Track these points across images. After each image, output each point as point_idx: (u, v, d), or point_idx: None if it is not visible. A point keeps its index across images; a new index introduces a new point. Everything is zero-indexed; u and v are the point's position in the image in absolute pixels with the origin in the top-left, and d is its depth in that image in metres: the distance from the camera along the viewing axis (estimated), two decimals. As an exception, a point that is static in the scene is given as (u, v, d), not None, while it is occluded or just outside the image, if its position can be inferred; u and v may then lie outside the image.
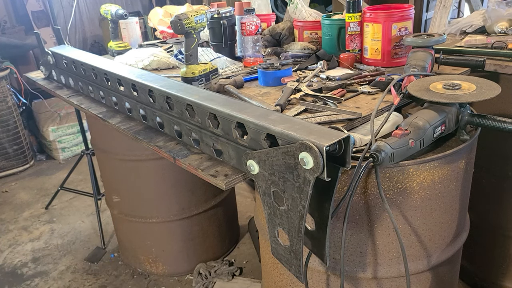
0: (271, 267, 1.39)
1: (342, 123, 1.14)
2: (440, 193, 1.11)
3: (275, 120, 0.89)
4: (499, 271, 1.84)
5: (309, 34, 1.84)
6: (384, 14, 1.52)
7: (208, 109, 1.02)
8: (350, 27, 1.61)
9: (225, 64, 1.73)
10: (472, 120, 1.11)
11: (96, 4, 4.77)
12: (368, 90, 1.34)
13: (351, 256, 1.15)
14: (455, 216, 1.20)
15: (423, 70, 1.30)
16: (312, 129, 0.83)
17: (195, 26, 1.45)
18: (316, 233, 0.98)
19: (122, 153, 1.99)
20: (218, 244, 2.34)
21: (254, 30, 1.71)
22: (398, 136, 1.00)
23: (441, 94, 1.08)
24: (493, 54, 1.58)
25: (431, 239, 1.16)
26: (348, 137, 0.80)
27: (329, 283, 1.21)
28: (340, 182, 1.06)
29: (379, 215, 1.09)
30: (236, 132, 0.96)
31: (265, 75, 1.50)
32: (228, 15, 1.81)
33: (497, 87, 1.08)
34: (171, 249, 2.22)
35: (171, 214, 2.10)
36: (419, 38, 1.40)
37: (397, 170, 1.04)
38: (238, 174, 0.98)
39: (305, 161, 0.76)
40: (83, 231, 2.75)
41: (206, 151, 1.10)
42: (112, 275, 2.35)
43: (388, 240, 1.12)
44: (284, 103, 1.27)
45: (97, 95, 1.58)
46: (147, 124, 1.33)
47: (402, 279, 1.17)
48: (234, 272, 2.23)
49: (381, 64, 1.57)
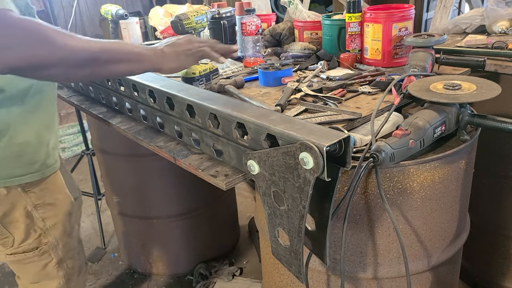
0: (271, 267, 1.39)
1: (342, 123, 1.14)
2: (440, 193, 1.11)
3: (276, 120, 0.89)
4: (500, 271, 1.84)
5: (309, 34, 1.84)
6: (384, 14, 1.52)
7: (208, 109, 1.02)
8: (350, 27, 1.61)
9: (225, 64, 1.73)
10: (473, 120, 1.11)
11: (97, 4, 4.77)
12: (369, 90, 1.34)
13: (352, 256, 1.15)
14: (455, 216, 1.20)
15: (423, 70, 1.30)
16: (312, 129, 0.83)
17: (195, 26, 1.45)
18: (316, 233, 0.98)
19: (122, 153, 1.99)
20: (218, 244, 2.34)
21: (254, 30, 1.71)
22: (398, 136, 1.00)
23: (441, 94, 1.08)
24: (494, 54, 1.58)
25: (431, 239, 1.16)
26: (348, 137, 0.80)
27: (329, 283, 1.21)
28: (341, 182, 1.06)
29: (380, 215, 1.09)
30: (237, 132, 0.96)
31: (265, 75, 1.50)
32: (229, 15, 1.81)
33: (497, 87, 1.08)
34: (171, 249, 2.22)
35: (171, 214, 2.10)
36: (419, 38, 1.40)
37: (398, 170, 1.04)
38: (238, 174, 0.98)
39: (305, 161, 0.76)
40: (83, 231, 2.74)
41: (206, 151, 1.10)
42: (113, 275, 2.35)
43: (389, 240, 1.12)
44: (284, 103, 1.27)
45: (98, 95, 1.59)
46: (147, 124, 1.33)
47: (403, 279, 1.17)
48: (234, 272, 2.23)
49: (381, 64, 1.57)
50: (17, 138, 1.09)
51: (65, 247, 1.26)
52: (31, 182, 1.15)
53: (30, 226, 1.18)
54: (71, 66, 0.86)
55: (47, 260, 1.24)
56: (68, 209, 1.28)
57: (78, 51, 0.86)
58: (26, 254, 1.21)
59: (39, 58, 0.81)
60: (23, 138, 1.10)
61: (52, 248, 1.23)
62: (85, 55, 0.88)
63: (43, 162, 1.16)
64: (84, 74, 0.91)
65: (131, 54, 0.97)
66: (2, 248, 1.21)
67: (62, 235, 1.25)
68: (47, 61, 0.83)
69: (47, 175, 1.18)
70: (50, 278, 1.27)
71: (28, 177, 1.13)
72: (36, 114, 1.12)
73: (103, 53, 0.91)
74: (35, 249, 1.21)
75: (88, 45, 0.89)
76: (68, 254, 1.28)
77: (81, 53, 0.87)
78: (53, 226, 1.22)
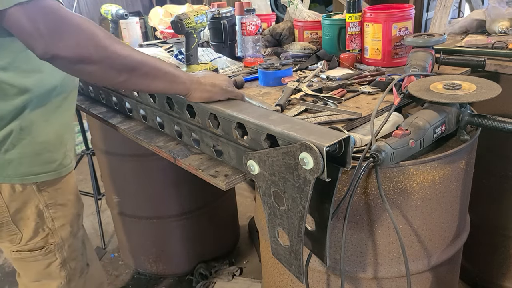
0: (271, 267, 1.39)
1: (342, 123, 1.14)
2: (440, 193, 1.11)
3: (275, 120, 0.89)
4: (500, 271, 1.84)
5: (309, 34, 1.84)
6: (384, 14, 1.52)
7: (208, 109, 1.02)
8: (350, 27, 1.61)
9: (225, 64, 1.73)
10: (473, 120, 1.11)
11: (97, 4, 4.77)
12: (369, 90, 1.34)
13: (352, 256, 1.15)
14: (455, 216, 1.20)
15: (423, 70, 1.30)
16: (312, 129, 0.83)
17: (195, 26, 1.45)
18: (316, 233, 0.98)
19: (122, 153, 1.99)
20: (218, 244, 2.34)
21: (254, 30, 1.71)
22: (398, 136, 1.00)
23: (441, 94, 1.08)
24: (494, 54, 1.58)
25: (431, 239, 1.16)
26: (348, 137, 0.80)
27: (329, 283, 1.21)
28: (341, 182, 1.06)
29: (380, 215, 1.09)
30: (237, 132, 0.96)
31: (265, 75, 1.50)
32: (229, 15, 1.81)
33: (497, 87, 1.07)
34: (172, 249, 2.22)
35: (171, 214, 2.10)
36: (419, 38, 1.40)
37: (398, 170, 1.04)
38: (238, 174, 0.98)
39: (305, 162, 0.76)
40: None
41: (206, 151, 1.10)
42: (113, 275, 2.35)
43: (389, 240, 1.12)
44: (284, 103, 1.27)
45: (98, 95, 1.58)
46: (147, 124, 1.33)
47: (403, 279, 1.17)
48: (235, 272, 2.23)
49: (381, 64, 1.57)
50: (39, 137, 1.11)
51: (70, 247, 1.27)
52: (46, 181, 1.16)
53: (39, 225, 1.19)
54: (111, 68, 0.89)
55: (51, 260, 1.25)
56: (78, 210, 1.29)
57: (122, 56, 0.89)
58: (32, 252, 1.22)
59: (84, 52, 0.84)
60: (44, 137, 1.12)
61: (58, 248, 1.24)
62: (127, 62, 0.90)
63: (60, 162, 1.18)
64: (119, 80, 0.92)
65: (168, 73, 0.98)
66: (8, 245, 1.21)
67: (69, 236, 1.26)
68: (91, 57, 0.85)
69: (63, 174, 1.20)
70: (52, 278, 1.27)
71: (45, 175, 1.15)
72: (57, 114, 1.14)
73: (144, 65, 0.93)
74: (41, 248, 1.22)
75: (132, 53, 0.91)
76: (72, 255, 1.28)
77: (123, 59, 0.89)
78: (61, 227, 1.23)
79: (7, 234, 1.18)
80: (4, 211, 1.13)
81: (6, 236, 1.19)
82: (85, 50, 0.84)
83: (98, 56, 0.86)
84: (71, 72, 0.92)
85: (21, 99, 1.04)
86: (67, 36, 0.83)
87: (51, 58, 0.84)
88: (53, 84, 1.10)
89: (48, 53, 0.83)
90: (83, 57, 0.84)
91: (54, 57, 0.84)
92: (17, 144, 1.07)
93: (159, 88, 0.99)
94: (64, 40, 0.82)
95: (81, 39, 0.84)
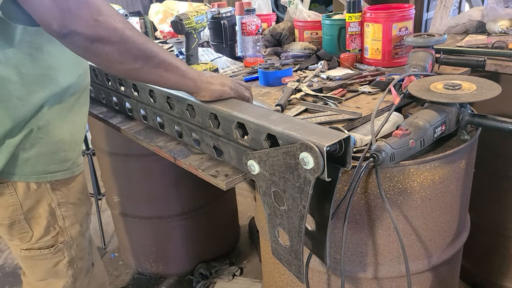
0: (271, 267, 1.39)
1: (342, 123, 1.14)
2: (440, 193, 1.11)
3: (276, 120, 0.89)
4: (500, 271, 1.84)
5: (309, 34, 1.84)
6: (384, 14, 1.52)
7: (208, 109, 1.02)
8: (350, 27, 1.61)
9: (225, 64, 1.73)
10: (473, 120, 1.11)
11: (97, 4, 4.77)
12: (369, 90, 1.34)
13: (352, 256, 1.15)
14: (455, 216, 1.20)
15: (423, 70, 1.30)
16: (312, 129, 0.83)
17: (195, 26, 1.46)
18: (317, 233, 0.98)
19: (122, 153, 1.99)
20: (218, 244, 2.34)
21: (254, 30, 1.71)
22: (398, 136, 1.00)
23: (441, 94, 1.08)
24: (494, 54, 1.58)
25: (431, 239, 1.16)
26: (348, 137, 0.80)
27: (329, 283, 1.21)
28: (341, 182, 1.06)
29: (380, 215, 1.09)
30: (237, 132, 0.96)
31: (265, 75, 1.50)
32: (229, 15, 1.81)
33: (497, 87, 1.08)
34: (172, 249, 2.22)
35: (172, 214, 2.10)
36: (419, 38, 1.40)
37: (398, 170, 1.04)
38: (239, 174, 0.99)
39: (305, 161, 0.76)
40: (83, 231, 2.75)
41: (207, 151, 1.10)
42: (113, 275, 2.35)
43: (389, 240, 1.12)
44: (284, 103, 1.27)
45: (98, 95, 1.59)
46: (147, 124, 1.33)
47: (403, 279, 1.17)
48: (235, 272, 2.23)
49: (381, 64, 1.57)
50: (55, 136, 1.11)
51: (78, 246, 1.27)
52: (60, 180, 1.16)
53: (50, 224, 1.19)
54: (127, 52, 0.89)
55: (60, 259, 1.25)
56: (87, 209, 1.30)
57: (139, 41, 0.89)
58: (42, 250, 1.22)
59: (103, 31, 0.84)
60: (60, 136, 1.12)
61: (66, 247, 1.24)
62: (144, 48, 0.90)
63: (74, 160, 1.18)
64: (135, 67, 0.92)
65: (180, 68, 0.98)
66: (18, 243, 1.21)
67: (78, 235, 1.26)
68: (110, 37, 0.85)
69: (77, 173, 1.20)
70: (58, 277, 1.27)
71: (60, 174, 1.15)
72: (71, 113, 1.14)
73: (158, 55, 0.93)
74: (51, 247, 1.22)
75: (148, 41, 0.92)
76: (80, 254, 1.28)
77: (141, 44, 0.90)
78: (71, 226, 1.23)
79: (18, 232, 1.18)
80: (18, 209, 1.13)
81: (17, 234, 1.18)
82: (105, 29, 0.84)
83: (117, 37, 0.86)
84: (86, 52, 0.90)
85: (39, 97, 1.04)
86: (87, 13, 0.82)
87: (68, 34, 0.82)
88: (68, 82, 1.10)
89: (66, 27, 0.81)
90: (101, 36, 0.84)
91: (72, 33, 0.82)
92: (35, 143, 1.07)
93: (171, 81, 0.98)
94: (83, 16, 0.82)
95: (101, 18, 0.83)
